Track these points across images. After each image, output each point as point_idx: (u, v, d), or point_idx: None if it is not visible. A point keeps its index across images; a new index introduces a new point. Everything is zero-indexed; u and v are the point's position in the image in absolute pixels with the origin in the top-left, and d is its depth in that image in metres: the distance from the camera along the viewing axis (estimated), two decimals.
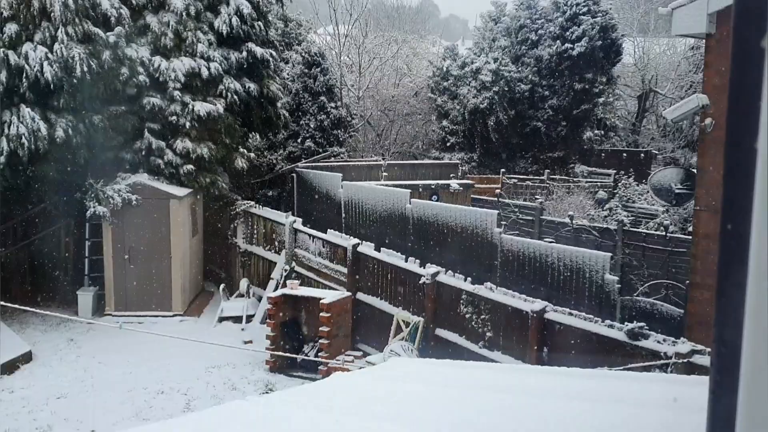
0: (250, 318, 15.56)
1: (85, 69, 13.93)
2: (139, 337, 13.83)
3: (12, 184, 14.41)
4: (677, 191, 11.46)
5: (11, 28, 13.87)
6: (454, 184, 21.45)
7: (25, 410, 11.05)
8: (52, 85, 13.70)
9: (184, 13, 16.40)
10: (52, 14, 13.92)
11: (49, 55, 13.65)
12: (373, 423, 2.88)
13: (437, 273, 12.31)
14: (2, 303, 8.09)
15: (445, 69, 29.81)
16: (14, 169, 13.99)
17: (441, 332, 12.16)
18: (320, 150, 24.57)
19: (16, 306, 8.95)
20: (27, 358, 13.03)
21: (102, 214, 15.36)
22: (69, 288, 16.71)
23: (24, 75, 13.62)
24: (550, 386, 3.68)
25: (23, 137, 13.51)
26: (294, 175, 21.60)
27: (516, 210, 20.67)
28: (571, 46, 28.74)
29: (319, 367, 12.38)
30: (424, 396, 3.40)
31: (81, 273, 16.67)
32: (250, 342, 13.96)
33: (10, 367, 12.52)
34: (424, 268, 12.69)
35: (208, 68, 16.73)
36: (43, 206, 16.88)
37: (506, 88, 28.74)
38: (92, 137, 15.04)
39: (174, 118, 16.41)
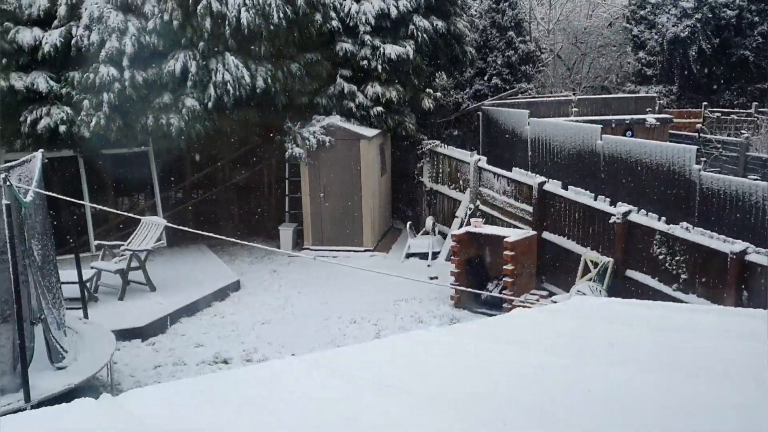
0: (435, 255, 15.84)
1: (281, 15, 14.53)
2: (333, 270, 14.56)
3: (219, 128, 15.47)
4: None
5: None
6: (650, 118, 20.31)
7: (234, 334, 11.88)
8: (247, 31, 14.34)
9: None
10: None
11: (247, 0, 14.33)
12: (550, 357, 2.89)
13: (629, 212, 11.85)
14: (214, 235, 8.77)
15: None
16: (221, 113, 14.99)
17: (631, 273, 11.76)
18: (507, 87, 24.12)
19: (226, 238, 9.56)
20: (236, 286, 14.08)
21: (299, 155, 16.22)
22: (271, 224, 17.88)
23: (226, 22, 14.39)
24: (747, 328, 3.47)
25: (228, 84, 14.43)
26: (480, 113, 21.44)
27: (718, 146, 19.26)
28: None
29: (504, 305, 12.40)
30: (604, 333, 3.34)
31: (282, 210, 17.74)
32: (436, 278, 14.23)
33: (221, 294, 13.60)
34: (615, 206, 12.25)
35: (397, 7, 16.87)
36: (247, 148, 18.09)
37: (710, 15, 26.44)
38: (290, 84, 15.75)
39: (365, 62, 16.82)
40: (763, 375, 2.45)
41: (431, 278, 14.30)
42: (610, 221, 11.99)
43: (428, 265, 15.52)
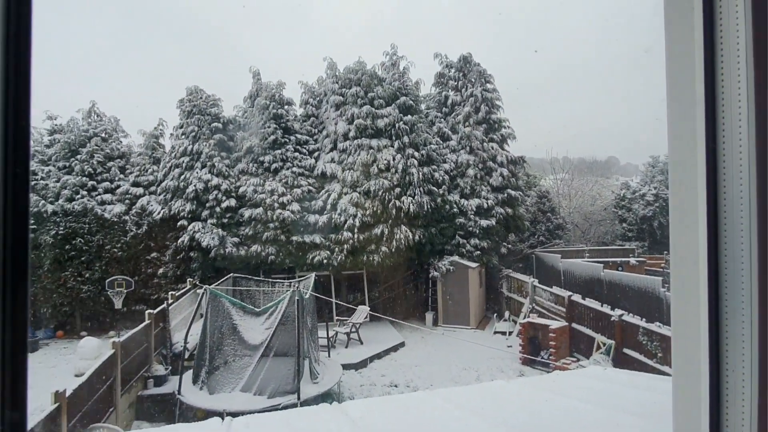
0: (510, 333, 14.65)
1: (428, 207, 14.89)
2: (453, 338, 13.83)
3: (397, 261, 15.67)
4: None
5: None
6: (632, 260, 17.96)
7: (401, 371, 11.40)
8: (412, 214, 14.80)
9: None
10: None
11: (412, 199, 14.99)
12: (580, 404, 2.63)
13: (622, 314, 10.47)
14: (391, 318, 8.92)
15: None
16: (399, 253, 15.12)
17: (627, 351, 10.17)
18: (547, 242, 22.67)
19: (396, 320, 9.60)
20: (402, 344, 13.56)
21: (437, 276, 16.06)
22: (421, 310, 17.44)
23: (401, 210, 15.00)
24: None
25: (402, 239, 14.73)
26: (533, 255, 20.11)
27: None
28: None
29: (550, 365, 11.14)
30: (602, 388, 2.99)
31: (426, 303, 17.32)
32: (510, 346, 13.09)
33: (395, 348, 13.17)
34: (613, 311, 10.87)
35: (488, 203, 16.72)
36: (411, 271, 18.14)
37: (664, 204, 23.83)
38: (432, 239, 15.79)
39: (470, 228, 16.54)
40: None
41: (508, 347, 13.16)
42: (612, 319, 10.65)
43: (506, 339, 14.33)
